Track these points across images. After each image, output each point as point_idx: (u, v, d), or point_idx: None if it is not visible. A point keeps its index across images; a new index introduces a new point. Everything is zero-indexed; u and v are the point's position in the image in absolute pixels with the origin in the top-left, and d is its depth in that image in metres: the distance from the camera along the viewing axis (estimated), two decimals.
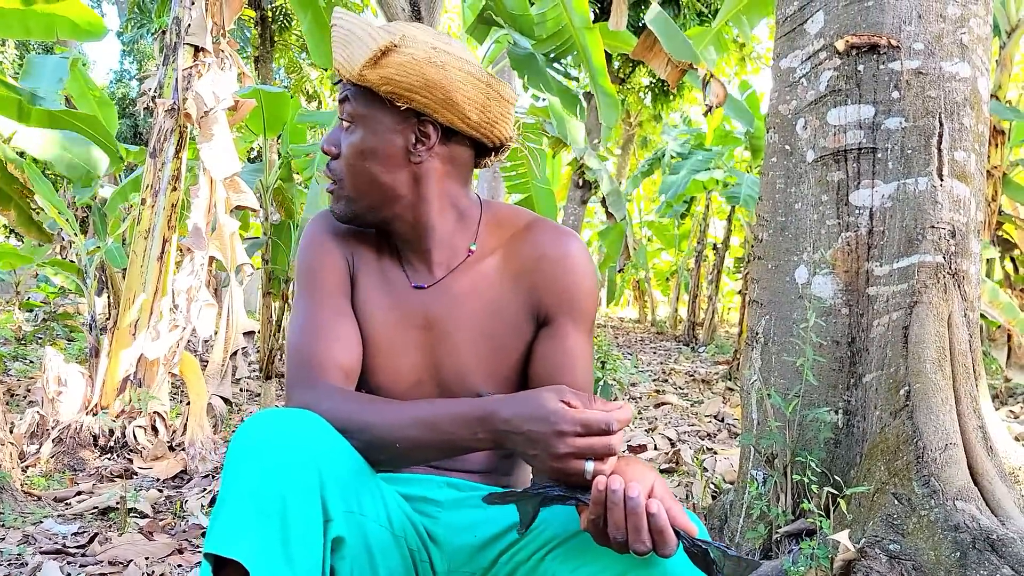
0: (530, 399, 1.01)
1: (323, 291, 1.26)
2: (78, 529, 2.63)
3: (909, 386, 1.96)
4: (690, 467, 3.47)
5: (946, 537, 1.75)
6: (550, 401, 0.99)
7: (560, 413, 0.97)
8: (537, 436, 0.98)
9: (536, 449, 0.98)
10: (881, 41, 2.11)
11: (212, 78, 3.93)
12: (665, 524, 0.92)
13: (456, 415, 1.05)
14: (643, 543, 0.92)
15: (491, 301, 1.27)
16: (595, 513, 0.95)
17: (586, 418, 0.96)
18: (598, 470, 0.97)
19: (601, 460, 0.97)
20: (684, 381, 7.01)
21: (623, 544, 0.93)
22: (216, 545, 0.93)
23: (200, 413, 3.64)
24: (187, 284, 3.84)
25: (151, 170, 3.94)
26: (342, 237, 1.31)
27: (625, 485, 0.93)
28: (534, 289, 1.27)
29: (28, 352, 6.97)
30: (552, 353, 1.27)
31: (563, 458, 0.96)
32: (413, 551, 1.17)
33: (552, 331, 1.27)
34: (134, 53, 18.62)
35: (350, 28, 1.19)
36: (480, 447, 1.05)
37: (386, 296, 1.28)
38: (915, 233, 2.05)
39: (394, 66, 1.15)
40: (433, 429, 1.06)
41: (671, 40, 4.58)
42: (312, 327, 1.23)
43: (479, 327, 1.27)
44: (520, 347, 1.27)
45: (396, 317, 1.27)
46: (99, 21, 4.54)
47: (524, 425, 0.99)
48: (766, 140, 2.40)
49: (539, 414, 0.98)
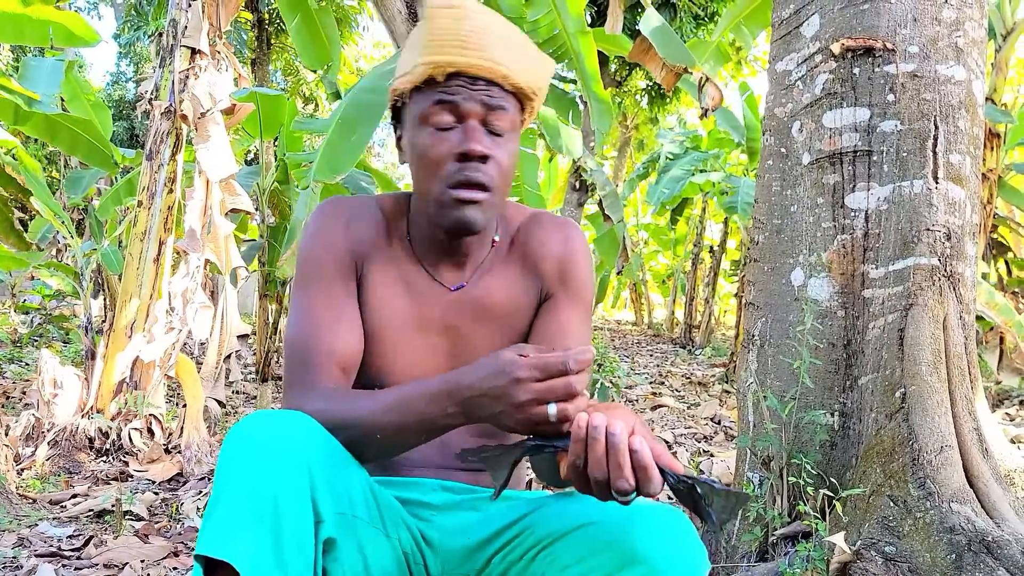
0: (488, 359, 1.00)
1: (324, 281, 1.24)
2: (73, 532, 2.62)
3: (905, 388, 1.96)
4: (686, 469, 3.46)
5: (942, 539, 1.75)
6: (505, 355, 0.98)
7: (515, 362, 0.96)
8: (498, 391, 0.96)
9: (500, 405, 0.97)
10: (876, 44, 2.11)
11: (208, 80, 3.93)
12: (649, 460, 0.90)
13: (426, 393, 1.04)
14: (626, 480, 0.89)
15: (509, 297, 1.28)
16: (576, 453, 0.93)
17: (542, 361, 0.95)
18: (563, 411, 0.95)
19: (566, 402, 0.95)
20: (681, 383, 7.01)
21: (604, 485, 0.91)
22: (208, 547, 0.93)
23: (196, 415, 3.64)
24: (183, 286, 3.83)
25: (147, 172, 3.93)
26: (351, 228, 1.27)
27: (607, 422, 0.92)
28: (539, 275, 1.30)
29: (24, 355, 6.95)
30: (546, 327, 1.28)
31: (524, 406, 0.95)
32: (407, 553, 1.16)
33: (548, 307, 1.30)
34: (131, 55, 18.60)
35: (507, 33, 1.17)
36: (453, 423, 1.04)
37: (403, 296, 1.26)
38: (910, 236, 2.06)
39: (550, 69, 1.19)
40: (407, 411, 1.05)
41: (666, 44, 4.59)
42: (310, 321, 1.21)
43: (499, 326, 1.28)
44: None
45: (415, 319, 1.26)
46: (92, 30, 4.54)
47: (485, 384, 0.98)
48: (762, 143, 2.40)
49: (495, 368, 0.97)
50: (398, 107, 1.25)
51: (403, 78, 1.19)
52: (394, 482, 1.24)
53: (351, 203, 1.31)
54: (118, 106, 17.94)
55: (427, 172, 1.18)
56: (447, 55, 1.13)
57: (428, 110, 1.16)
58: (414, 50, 1.17)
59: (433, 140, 1.16)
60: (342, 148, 4.26)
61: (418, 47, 1.16)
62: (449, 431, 1.06)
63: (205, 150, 3.83)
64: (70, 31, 4.48)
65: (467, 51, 1.14)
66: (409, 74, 1.17)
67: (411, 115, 1.20)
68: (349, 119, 4.37)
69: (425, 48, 1.14)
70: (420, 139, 1.17)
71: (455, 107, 1.16)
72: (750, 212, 7.27)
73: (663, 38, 4.61)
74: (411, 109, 1.20)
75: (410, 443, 1.11)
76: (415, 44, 1.17)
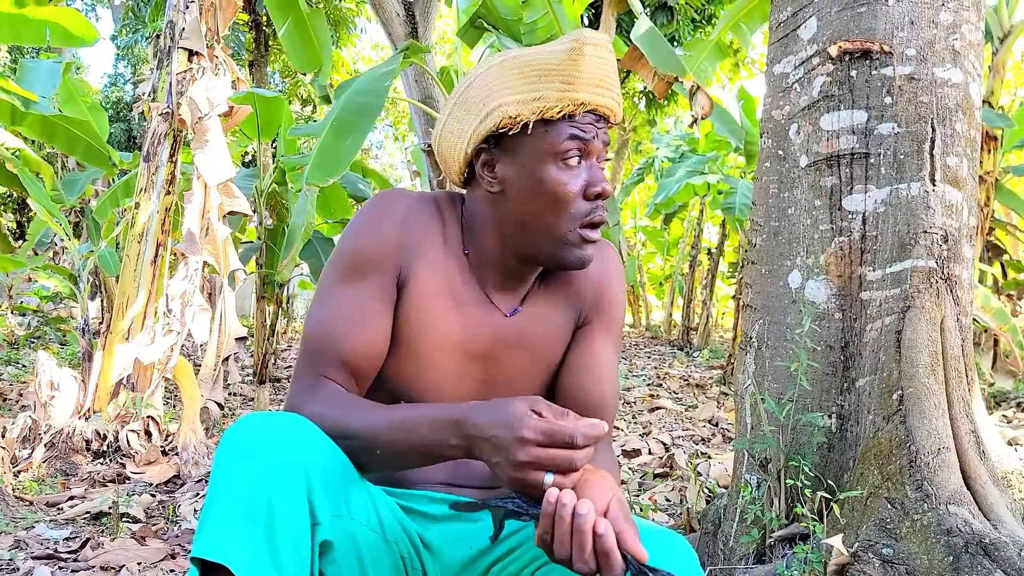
0: (501, 405, 0.98)
1: (360, 279, 1.19)
2: (70, 534, 2.62)
3: (902, 390, 1.96)
4: (684, 472, 3.47)
5: (939, 541, 1.75)
6: (518, 408, 0.95)
7: (524, 420, 0.93)
8: (500, 442, 0.94)
9: (499, 456, 0.94)
10: (874, 47, 2.12)
11: (206, 84, 3.93)
12: (611, 547, 0.88)
13: (432, 419, 1.02)
14: (585, 563, 0.88)
15: (551, 325, 1.27)
16: (544, 528, 0.91)
17: (550, 428, 0.92)
18: (558, 484, 0.92)
19: (563, 475, 0.93)
20: (678, 385, 7.02)
21: (568, 563, 0.90)
22: (203, 549, 0.92)
23: (193, 417, 3.63)
24: (181, 288, 3.83)
25: (145, 174, 3.93)
26: (405, 226, 1.21)
27: (576, 501, 0.90)
28: (579, 301, 1.29)
29: (20, 356, 6.94)
30: (579, 358, 1.27)
31: (522, 467, 0.92)
32: (405, 558, 1.15)
33: (583, 334, 1.28)
34: (129, 57, 18.59)
35: (613, 68, 1.16)
36: (453, 454, 1.02)
37: (449, 312, 1.21)
38: (908, 238, 2.06)
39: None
40: (409, 433, 1.03)
41: (657, 53, 4.60)
42: (333, 316, 1.18)
43: (537, 355, 1.26)
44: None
45: (458, 339, 1.22)
46: (91, 28, 4.53)
47: (490, 430, 0.96)
48: (760, 145, 2.40)
49: (504, 419, 0.95)
50: (501, 133, 1.16)
51: (527, 104, 1.13)
52: (397, 493, 1.23)
53: (410, 199, 1.25)
54: (116, 108, 17.92)
55: (554, 207, 1.15)
56: (594, 95, 1.13)
57: (562, 145, 1.13)
58: (546, 78, 1.12)
59: (563, 176, 1.14)
60: (336, 151, 4.26)
61: (554, 77, 1.12)
62: (450, 460, 1.05)
63: (203, 154, 3.82)
64: (67, 30, 4.48)
65: (606, 91, 1.14)
66: (537, 102, 1.12)
67: (532, 146, 1.14)
68: (343, 122, 4.36)
69: (569, 82, 1.11)
70: (548, 173, 1.14)
71: (584, 144, 1.15)
72: (747, 214, 7.27)
73: (654, 46, 4.62)
74: (533, 140, 1.14)
75: (411, 464, 1.09)
76: (546, 72, 1.12)
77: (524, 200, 1.16)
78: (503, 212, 1.19)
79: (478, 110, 1.16)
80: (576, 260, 1.18)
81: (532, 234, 1.18)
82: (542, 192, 1.15)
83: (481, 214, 1.22)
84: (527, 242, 1.19)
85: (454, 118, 1.20)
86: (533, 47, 1.16)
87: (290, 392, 1.17)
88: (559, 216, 1.16)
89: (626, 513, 0.94)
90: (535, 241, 1.18)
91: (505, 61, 1.15)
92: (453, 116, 1.20)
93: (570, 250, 1.17)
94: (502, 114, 1.13)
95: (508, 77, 1.14)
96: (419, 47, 5.43)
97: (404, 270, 1.20)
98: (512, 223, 1.19)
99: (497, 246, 1.22)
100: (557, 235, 1.17)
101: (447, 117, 1.21)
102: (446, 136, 1.22)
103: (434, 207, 1.26)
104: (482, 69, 1.17)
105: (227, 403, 5.31)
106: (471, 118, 1.16)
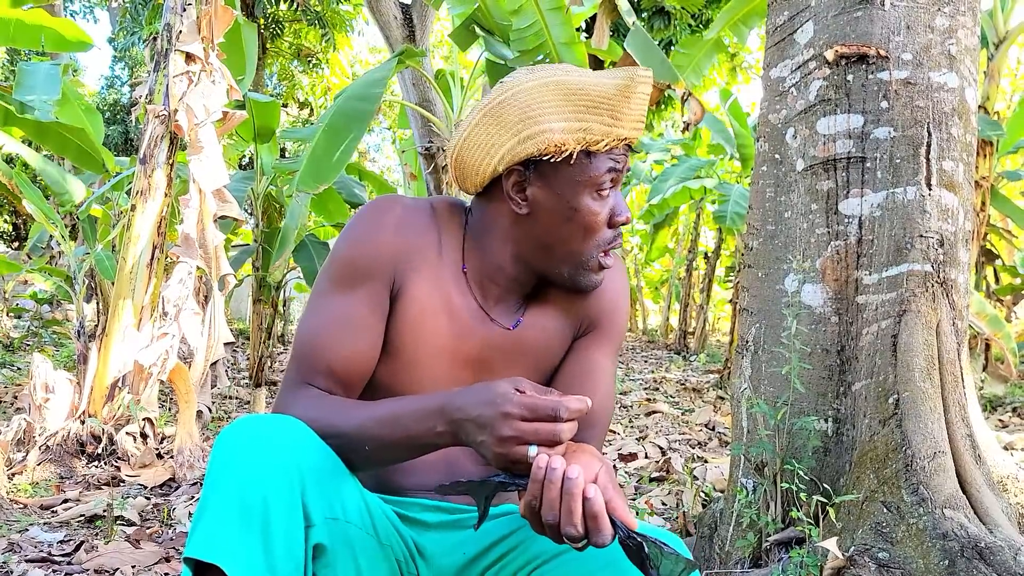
0: (483, 386, 0.99)
1: (353, 286, 1.18)
2: (64, 537, 2.61)
3: (898, 394, 1.96)
4: (680, 475, 3.47)
5: (935, 545, 1.75)
6: (500, 386, 0.97)
7: (507, 395, 0.95)
8: (485, 420, 0.95)
9: (484, 435, 0.95)
10: (870, 51, 2.12)
11: (203, 91, 3.92)
12: (601, 510, 0.89)
13: (417, 410, 1.03)
14: (575, 527, 0.89)
15: (550, 336, 1.27)
16: (532, 493, 0.92)
17: (533, 402, 0.94)
18: (542, 457, 0.93)
19: (547, 448, 0.94)
20: (675, 389, 7.02)
21: (556, 529, 0.90)
22: (197, 550, 0.92)
23: (189, 421, 3.62)
24: (176, 292, 3.82)
25: (141, 176, 3.92)
26: (400, 233, 1.20)
27: (566, 466, 0.91)
28: (579, 311, 1.28)
29: (16, 359, 6.92)
30: (574, 366, 1.27)
31: (506, 441, 0.93)
32: (400, 561, 1.15)
33: (581, 344, 1.28)
34: (126, 59, 18.59)
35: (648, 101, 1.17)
36: (441, 442, 1.02)
37: (442, 321, 1.21)
38: (904, 242, 2.06)
39: None
40: (395, 426, 1.04)
41: (649, 61, 4.61)
42: (323, 323, 1.17)
43: (532, 363, 1.26)
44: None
45: (451, 350, 1.21)
46: (85, 35, 4.52)
47: (474, 410, 0.97)
48: (756, 149, 2.41)
49: (488, 398, 0.96)
50: (541, 159, 1.14)
51: (573, 134, 1.12)
52: (391, 501, 1.22)
53: (404, 206, 1.23)
54: (113, 110, 17.91)
55: (583, 234, 1.17)
56: (634, 131, 1.15)
57: (600, 178, 1.15)
58: (594, 111, 1.12)
59: (596, 206, 1.16)
60: (327, 157, 4.24)
61: (603, 111, 1.12)
62: (439, 450, 1.05)
63: (198, 161, 3.82)
64: (62, 36, 4.47)
65: (641, 125, 1.15)
66: (583, 133, 1.12)
67: (570, 175, 1.14)
68: (336, 127, 4.34)
69: (616, 117, 1.12)
70: (583, 203, 1.15)
71: (616, 175, 1.17)
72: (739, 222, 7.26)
73: (646, 55, 4.63)
74: (573, 170, 1.14)
75: (400, 457, 1.09)
76: (596, 104, 1.12)
77: (554, 225, 1.17)
78: (526, 232, 1.19)
79: (515, 129, 1.13)
80: (591, 284, 1.21)
81: (554, 257, 1.19)
82: (575, 220, 1.16)
83: (499, 229, 1.21)
84: (546, 263, 1.20)
85: (483, 130, 1.16)
86: (581, 74, 1.14)
87: (278, 397, 1.17)
88: (585, 243, 1.18)
89: (615, 483, 0.94)
90: (555, 263, 1.20)
91: (549, 83, 1.12)
92: (482, 128, 1.16)
93: (588, 274, 1.20)
94: (547, 141, 1.11)
95: (553, 102, 1.12)
96: (414, 51, 5.43)
97: (398, 278, 1.19)
98: (535, 244, 1.19)
99: (509, 261, 1.22)
100: (579, 260, 1.19)
101: (473, 128, 1.17)
102: (470, 147, 1.18)
103: (430, 214, 1.25)
104: (519, 85, 1.13)
105: (221, 406, 5.30)
106: (505, 135, 1.14)
